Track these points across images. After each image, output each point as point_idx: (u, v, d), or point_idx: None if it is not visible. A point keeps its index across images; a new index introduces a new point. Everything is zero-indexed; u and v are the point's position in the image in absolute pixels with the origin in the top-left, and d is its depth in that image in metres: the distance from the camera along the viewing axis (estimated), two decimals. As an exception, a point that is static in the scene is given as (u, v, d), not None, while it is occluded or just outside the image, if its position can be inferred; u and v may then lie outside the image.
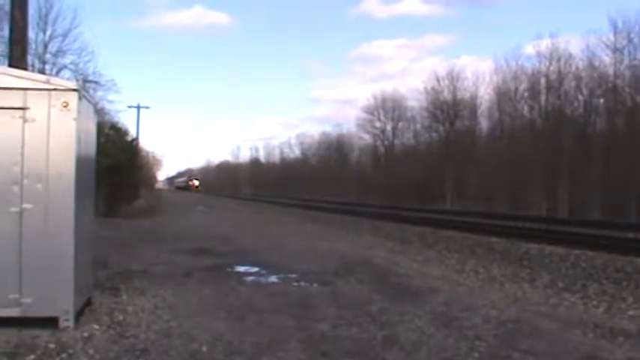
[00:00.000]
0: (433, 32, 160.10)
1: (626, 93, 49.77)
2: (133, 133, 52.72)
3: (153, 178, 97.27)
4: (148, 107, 65.86)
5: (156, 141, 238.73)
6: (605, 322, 8.27)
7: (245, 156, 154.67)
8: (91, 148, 8.66)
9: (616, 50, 50.73)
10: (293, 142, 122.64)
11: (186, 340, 7.03)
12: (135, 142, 48.44)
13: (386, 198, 63.67)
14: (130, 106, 58.50)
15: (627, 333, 7.71)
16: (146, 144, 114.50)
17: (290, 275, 12.24)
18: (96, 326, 7.49)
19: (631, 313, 9.03)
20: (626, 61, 50.04)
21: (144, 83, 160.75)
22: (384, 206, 50.22)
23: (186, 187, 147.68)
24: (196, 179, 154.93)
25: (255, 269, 13.17)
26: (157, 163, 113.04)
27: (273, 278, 12.00)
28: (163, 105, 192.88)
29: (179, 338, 7.14)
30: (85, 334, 7.07)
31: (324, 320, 8.15)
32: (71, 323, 7.24)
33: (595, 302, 9.81)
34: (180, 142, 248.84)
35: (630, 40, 49.89)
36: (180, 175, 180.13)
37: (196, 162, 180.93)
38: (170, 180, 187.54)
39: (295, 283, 11.29)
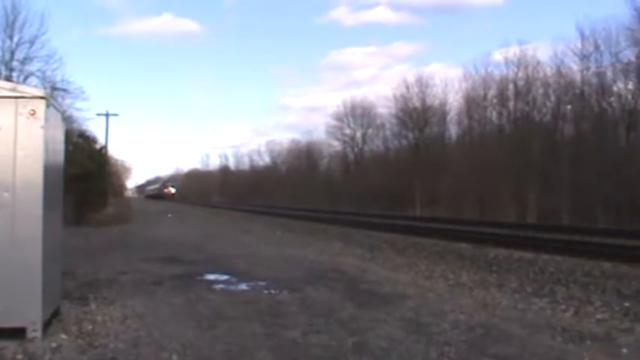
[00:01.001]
0: (402, 40, 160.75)
1: (593, 99, 50.30)
2: (101, 141, 52.30)
3: (122, 187, 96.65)
4: (116, 115, 65.15)
5: (125, 149, 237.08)
6: (573, 326, 8.34)
7: (214, 164, 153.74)
8: (59, 157, 8.60)
9: (583, 57, 51.30)
10: (262, 149, 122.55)
11: (156, 349, 7.00)
12: (103, 150, 48.18)
13: (356, 205, 63.76)
14: (98, 114, 57.92)
15: (595, 336, 7.78)
16: (115, 152, 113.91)
17: (260, 283, 12.21)
18: (64, 336, 7.43)
19: (598, 316, 9.12)
20: (592, 68, 50.63)
21: (113, 91, 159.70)
22: (354, 213, 50.27)
23: (160, 195, 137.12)
24: (172, 186, 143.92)
25: (225, 277, 13.13)
26: (126, 171, 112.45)
27: (243, 286, 11.97)
28: (132, 113, 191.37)
29: (149, 347, 7.10)
30: (53, 345, 7.00)
31: (295, 327, 8.14)
32: (39, 334, 7.17)
33: (563, 306, 9.88)
34: (150, 150, 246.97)
35: (597, 48, 50.45)
36: (150, 182, 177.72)
37: (165, 170, 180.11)
38: (139, 188, 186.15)
39: (265, 291, 11.27)
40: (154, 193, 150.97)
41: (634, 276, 12.79)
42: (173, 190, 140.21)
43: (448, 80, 69.16)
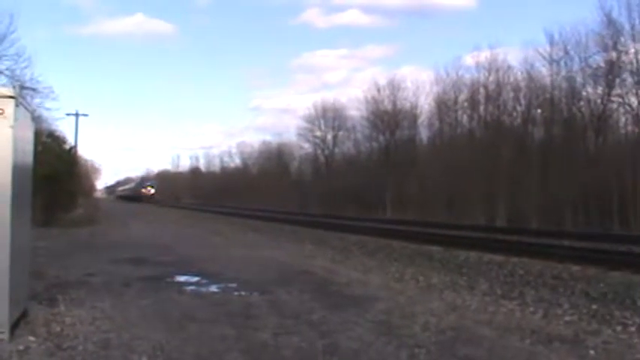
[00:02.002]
0: (374, 42, 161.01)
1: (563, 104, 50.66)
2: (71, 141, 51.65)
3: (91, 187, 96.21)
4: (86, 115, 64.02)
5: (94, 149, 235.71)
6: (542, 328, 8.40)
7: (185, 165, 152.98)
8: (28, 157, 8.52)
9: (553, 62, 51.65)
10: (233, 151, 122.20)
11: (126, 352, 6.95)
12: (73, 151, 47.82)
13: (326, 207, 63.76)
14: (68, 114, 57.10)
15: (563, 338, 7.84)
16: (85, 152, 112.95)
17: (230, 285, 12.19)
18: (32, 338, 7.36)
19: (567, 318, 9.19)
20: (562, 73, 50.97)
21: (83, 91, 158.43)
22: (325, 215, 50.32)
23: (135, 197, 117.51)
24: (151, 185, 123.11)
25: (196, 279, 13.09)
26: (96, 171, 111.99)
27: (213, 288, 11.94)
28: (103, 113, 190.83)
29: (118, 349, 7.05)
30: (21, 347, 6.93)
31: (265, 329, 8.13)
32: (6, 336, 7.10)
33: (532, 309, 9.95)
34: (119, 150, 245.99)
35: (566, 52, 50.81)
36: (120, 183, 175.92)
37: (135, 171, 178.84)
38: (109, 189, 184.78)
39: (236, 293, 11.25)
40: (128, 193, 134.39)
41: (602, 279, 12.90)
42: (152, 191, 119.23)
43: (419, 83, 69.27)
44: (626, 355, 7.20)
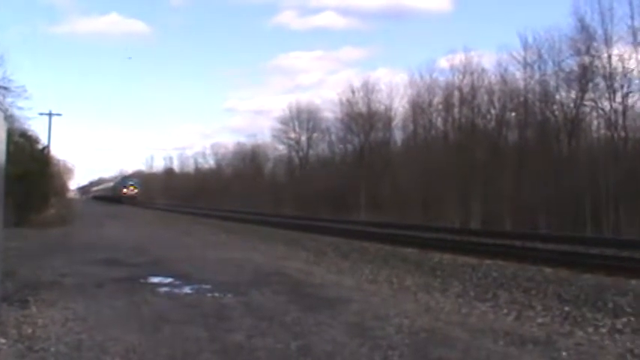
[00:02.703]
0: (350, 45, 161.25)
1: (537, 107, 51.00)
2: (43, 141, 51.16)
3: (64, 188, 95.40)
4: (59, 115, 63.30)
5: (68, 150, 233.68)
6: (516, 330, 8.45)
7: (159, 166, 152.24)
8: (0, 157, 8.45)
9: (526, 65, 52.01)
10: (207, 152, 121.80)
11: (99, 353, 6.92)
12: (46, 151, 47.53)
13: (300, 209, 63.74)
14: (41, 113, 56.45)
15: (536, 340, 7.89)
16: (57, 152, 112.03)
17: (204, 286, 12.16)
18: (2, 340, 7.32)
19: (540, 320, 9.24)
20: (536, 76, 51.34)
21: (57, 90, 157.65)
22: (299, 217, 50.27)
23: (115, 197, 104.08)
24: (134, 185, 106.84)
25: (169, 280, 13.05)
26: (69, 172, 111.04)
27: (187, 289, 11.91)
28: (76, 113, 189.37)
29: (91, 351, 7.02)
30: (-9, 349, 6.89)
31: (239, 331, 8.12)
32: (-23, 337, 7.04)
33: (505, 311, 10.00)
34: (93, 151, 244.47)
35: (540, 56, 51.19)
36: (93, 184, 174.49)
37: (109, 172, 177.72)
38: (82, 189, 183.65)
39: (209, 294, 11.22)
40: (106, 193, 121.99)
41: (574, 281, 12.97)
42: (136, 191, 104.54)
43: (394, 86, 69.47)
44: (598, 356, 7.26)
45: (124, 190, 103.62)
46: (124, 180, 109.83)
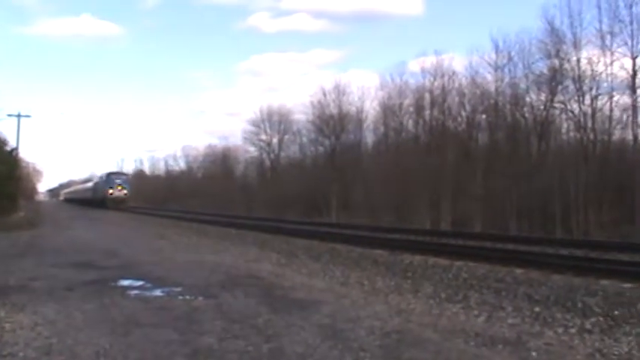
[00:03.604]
0: (322, 47, 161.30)
1: (507, 109, 51.44)
2: (12, 143, 50.36)
3: (33, 190, 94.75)
4: (28, 116, 62.12)
5: (37, 152, 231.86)
6: (486, 331, 8.49)
7: (129, 168, 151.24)
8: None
9: (497, 68, 52.59)
10: (178, 154, 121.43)
11: (68, 357, 6.88)
12: (14, 153, 47.13)
13: (272, 211, 63.65)
14: (9, 115, 55.67)
15: (507, 340, 7.94)
16: (26, 155, 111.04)
17: (175, 289, 12.10)
18: (-30, 345, 7.25)
19: (510, 321, 9.30)
20: (506, 79, 51.89)
21: (26, 92, 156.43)
22: (270, 219, 50.17)
23: (97, 199, 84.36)
24: (122, 185, 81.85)
25: (140, 283, 12.97)
26: (38, 174, 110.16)
27: (157, 292, 11.84)
28: (46, 115, 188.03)
29: (61, 355, 6.97)
30: (-42, 354, 6.83)
31: (210, 334, 8.09)
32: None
33: (476, 312, 10.05)
34: (63, 153, 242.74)
35: (510, 59, 51.71)
36: (63, 186, 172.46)
37: (79, 174, 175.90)
38: (52, 192, 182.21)
39: (180, 297, 11.17)
40: (82, 195, 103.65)
41: (544, 282, 13.05)
42: (125, 192, 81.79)
43: (365, 88, 69.85)
44: (567, 356, 7.32)
45: (110, 191, 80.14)
46: (109, 178, 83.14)
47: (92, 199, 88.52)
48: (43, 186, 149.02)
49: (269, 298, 11.05)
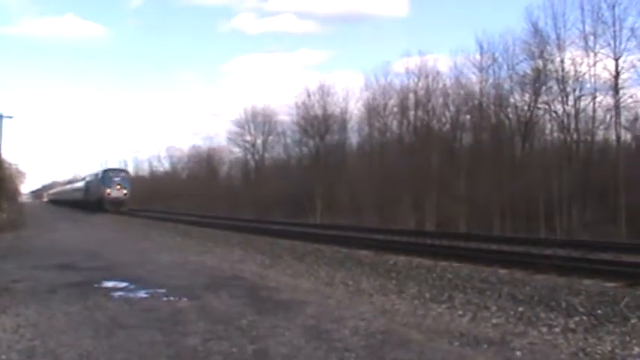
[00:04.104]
0: (307, 48, 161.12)
1: (491, 110, 51.61)
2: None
3: (16, 191, 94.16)
4: (11, 117, 61.45)
5: (20, 153, 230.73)
6: (471, 331, 8.50)
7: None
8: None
9: (481, 69, 52.71)
10: (162, 155, 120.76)
11: None
12: (-4, 154, 46.54)
13: (256, 212, 63.57)
14: (-9, 114, 53.40)
15: (491, 340, 7.95)
16: (9, 156, 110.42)
17: (159, 290, 12.07)
18: (-48, 348, 7.20)
19: (494, 321, 9.32)
20: (491, 80, 52.03)
21: (9, 92, 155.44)
22: (255, 220, 50.12)
23: (88, 201, 74.12)
24: (120, 184, 69.78)
25: (124, 284, 12.93)
26: (21, 175, 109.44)
27: (141, 293, 11.81)
28: (29, 116, 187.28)
29: (44, 358, 6.93)
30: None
31: (195, 335, 8.07)
32: None
33: (461, 312, 10.06)
34: (46, 154, 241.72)
35: (495, 60, 51.86)
36: (46, 187, 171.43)
37: (64, 175, 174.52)
38: (35, 193, 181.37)
39: (165, 298, 11.14)
40: (71, 196, 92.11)
41: (528, 281, 13.09)
42: (125, 192, 70.09)
43: (349, 88, 69.90)
44: (551, 355, 7.34)
45: (108, 191, 68.15)
46: (106, 176, 70.60)
47: (84, 201, 77.29)
48: (26, 187, 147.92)
49: (253, 299, 11.04)
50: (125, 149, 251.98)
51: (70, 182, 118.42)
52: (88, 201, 74.87)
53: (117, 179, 70.62)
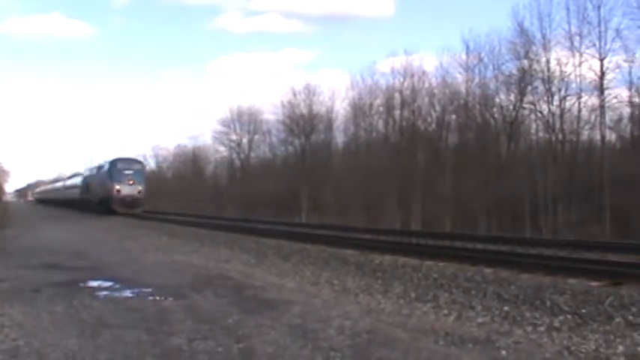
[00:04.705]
0: (292, 47, 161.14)
1: (477, 110, 51.82)
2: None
3: (0, 191, 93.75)
4: None
5: (3, 152, 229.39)
6: (456, 330, 8.52)
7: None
8: None
9: (467, 69, 52.96)
10: (148, 154, 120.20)
11: None
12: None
13: (242, 211, 63.53)
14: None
15: (476, 340, 7.97)
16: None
17: (145, 289, 12.04)
18: None
19: (480, 320, 9.35)
20: (476, 80, 52.26)
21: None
22: (240, 219, 50.03)
23: (90, 200, 60.53)
24: (133, 179, 54.84)
25: (109, 284, 12.89)
26: (5, 174, 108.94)
27: (127, 293, 11.78)
28: (14, 115, 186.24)
29: (28, 358, 6.91)
30: None
31: (180, 334, 8.06)
32: None
33: (446, 311, 10.08)
34: (31, 153, 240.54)
35: (481, 60, 52.09)
36: (31, 186, 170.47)
37: (48, 175, 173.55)
38: (20, 192, 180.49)
39: (150, 298, 11.11)
40: (65, 195, 79.98)
41: (514, 281, 13.11)
42: (140, 188, 55.23)
43: (335, 88, 69.98)
44: (536, 354, 7.37)
45: (117, 188, 53.72)
46: (113, 167, 55.36)
47: (82, 200, 65.12)
48: (10, 186, 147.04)
49: (239, 299, 11.03)
50: (110, 148, 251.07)
51: (57, 180, 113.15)
52: (87, 200, 62.56)
53: (129, 172, 55.49)
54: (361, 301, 11.13)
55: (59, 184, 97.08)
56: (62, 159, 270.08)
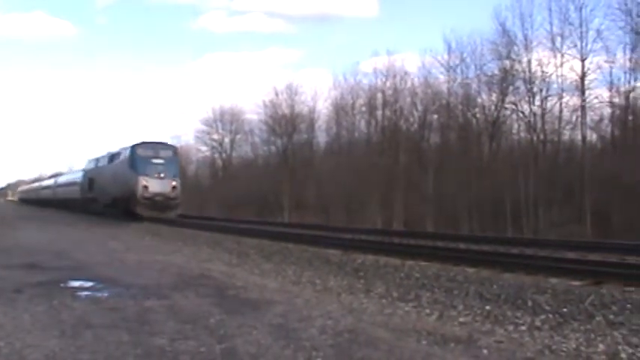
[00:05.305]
0: (276, 46, 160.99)
1: (459, 110, 52.02)
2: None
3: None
4: None
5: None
6: (438, 330, 8.54)
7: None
8: None
9: (449, 69, 53.15)
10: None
11: (17, 360, 6.79)
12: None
13: (224, 210, 63.42)
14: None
15: (458, 339, 8.00)
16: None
17: (126, 290, 11.98)
18: None
19: (462, 319, 9.38)
20: (458, 80, 52.47)
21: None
22: (223, 219, 49.98)
23: (92, 200, 50.64)
24: (165, 170, 41.88)
25: (91, 284, 12.83)
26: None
27: (108, 293, 11.72)
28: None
29: (9, 358, 6.87)
30: None
31: (162, 334, 8.04)
32: None
33: (428, 311, 10.11)
34: (12, 153, 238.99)
35: (463, 60, 52.31)
36: (10, 186, 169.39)
37: (29, 174, 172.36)
38: (0, 191, 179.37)
39: (132, 298, 11.07)
40: (54, 194, 72.62)
41: (495, 280, 13.15)
42: (174, 183, 43.01)
43: (317, 88, 70.05)
44: (518, 353, 7.40)
45: (144, 183, 41.23)
46: (135, 156, 42.49)
47: (85, 200, 53.43)
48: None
49: (221, 299, 11.01)
50: (92, 148, 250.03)
51: (48, 176, 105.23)
52: (90, 201, 51.41)
53: (159, 162, 42.49)
54: (343, 300, 11.14)
55: (50, 181, 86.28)
56: (43, 158, 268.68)
